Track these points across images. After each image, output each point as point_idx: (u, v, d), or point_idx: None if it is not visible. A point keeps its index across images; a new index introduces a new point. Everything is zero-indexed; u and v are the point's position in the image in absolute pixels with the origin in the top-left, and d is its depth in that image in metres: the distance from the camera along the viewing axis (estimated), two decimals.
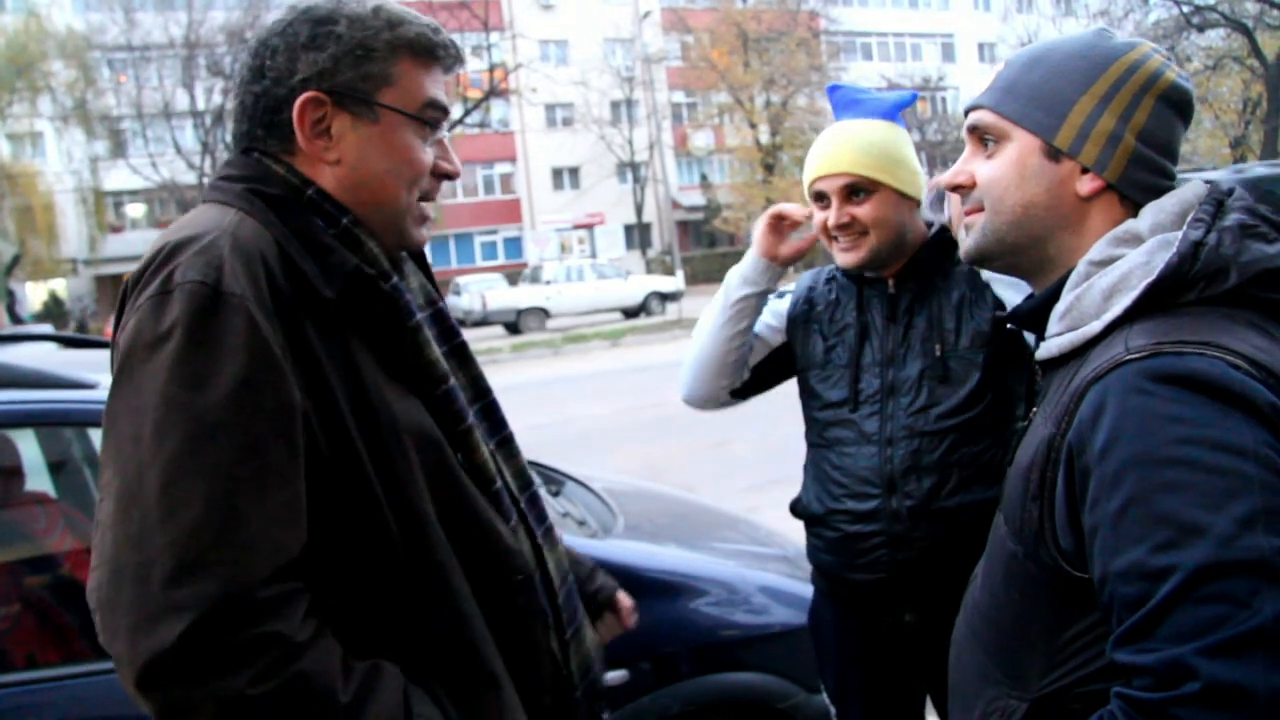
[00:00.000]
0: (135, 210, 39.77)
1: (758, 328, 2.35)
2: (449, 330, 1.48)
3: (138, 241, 37.59)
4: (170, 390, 1.12)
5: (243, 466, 1.12)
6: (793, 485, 2.37)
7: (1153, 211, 1.17)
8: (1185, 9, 29.99)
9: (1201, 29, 30.81)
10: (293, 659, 1.11)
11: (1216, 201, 1.15)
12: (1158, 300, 1.09)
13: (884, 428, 2.12)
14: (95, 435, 2.86)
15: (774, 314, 2.37)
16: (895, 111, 2.18)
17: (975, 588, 1.36)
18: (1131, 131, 1.19)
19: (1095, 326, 1.13)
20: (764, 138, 40.11)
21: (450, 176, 1.42)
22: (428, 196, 1.40)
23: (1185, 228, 1.12)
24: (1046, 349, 1.21)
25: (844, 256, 2.15)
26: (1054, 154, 1.21)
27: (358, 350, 1.26)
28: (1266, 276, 1.09)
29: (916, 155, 2.17)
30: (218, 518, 1.09)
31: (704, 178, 45.09)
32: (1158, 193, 1.20)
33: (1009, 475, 1.24)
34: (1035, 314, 1.26)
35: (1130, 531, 0.98)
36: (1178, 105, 1.22)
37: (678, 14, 42.78)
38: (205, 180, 31.39)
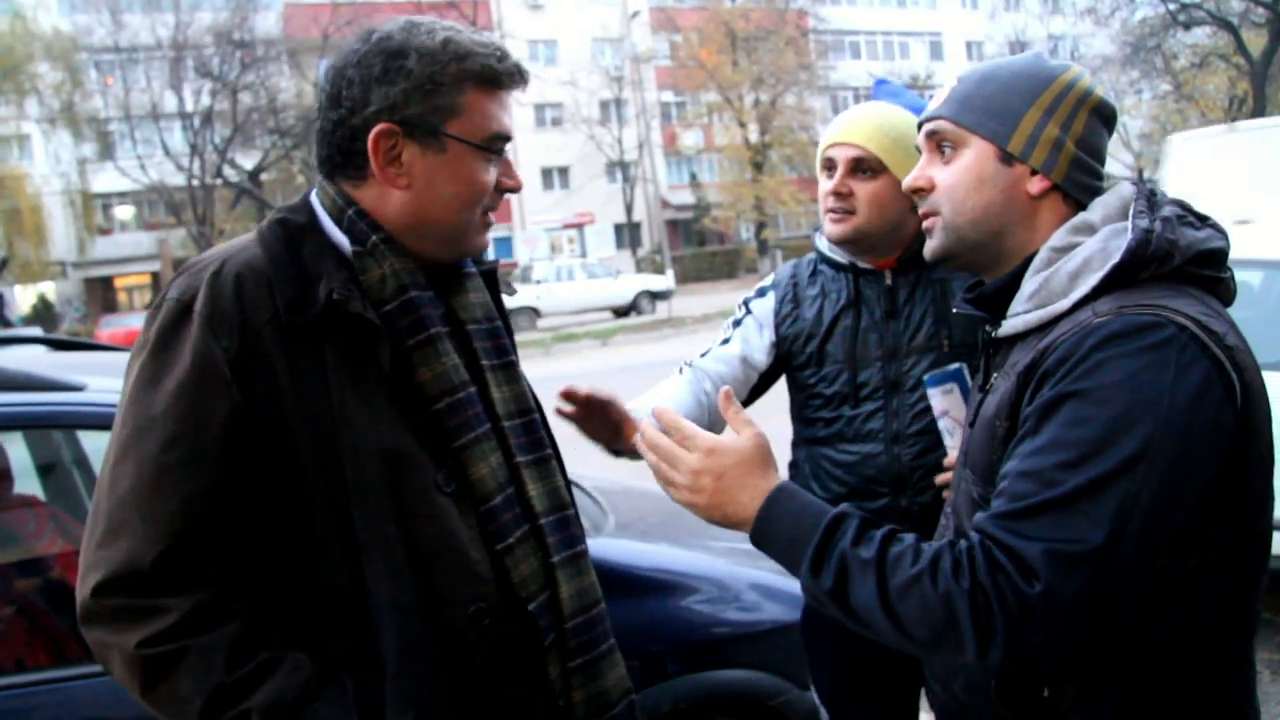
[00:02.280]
0: (124, 212, 39.64)
1: (742, 352, 2.28)
2: (501, 348, 1.55)
3: (126, 243, 37.54)
4: (134, 388, 1.33)
5: (165, 456, 1.28)
6: None
7: (1101, 206, 1.35)
8: (1171, 7, 30.08)
9: (1188, 26, 30.91)
10: (183, 633, 1.26)
11: (1148, 197, 1.33)
12: (1120, 278, 1.26)
13: (889, 424, 2.10)
14: (84, 437, 2.86)
15: (758, 323, 2.29)
16: None
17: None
18: (1072, 139, 1.36)
19: (1064, 303, 1.28)
20: (753, 136, 40.16)
21: (513, 190, 1.50)
22: (490, 209, 1.49)
23: (1132, 218, 1.29)
24: (1012, 325, 1.35)
25: (832, 228, 2.12)
26: (1007, 159, 1.37)
27: (333, 368, 1.34)
28: (1200, 257, 1.28)
29: None
30: (137, 496, 1.28)
31: (693, 177, 45.15)
32: (1093, 192, 1.38)
33: (972, 434, 1.41)
34: (994, 297, 1.41)
35: (1048, 449, 1.18)
36: (1106, 118, 1.40)
37: (666, 13, 42.81)
38: (194, 181, 31.36)
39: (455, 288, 1.52)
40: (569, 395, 1.80)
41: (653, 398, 2.16)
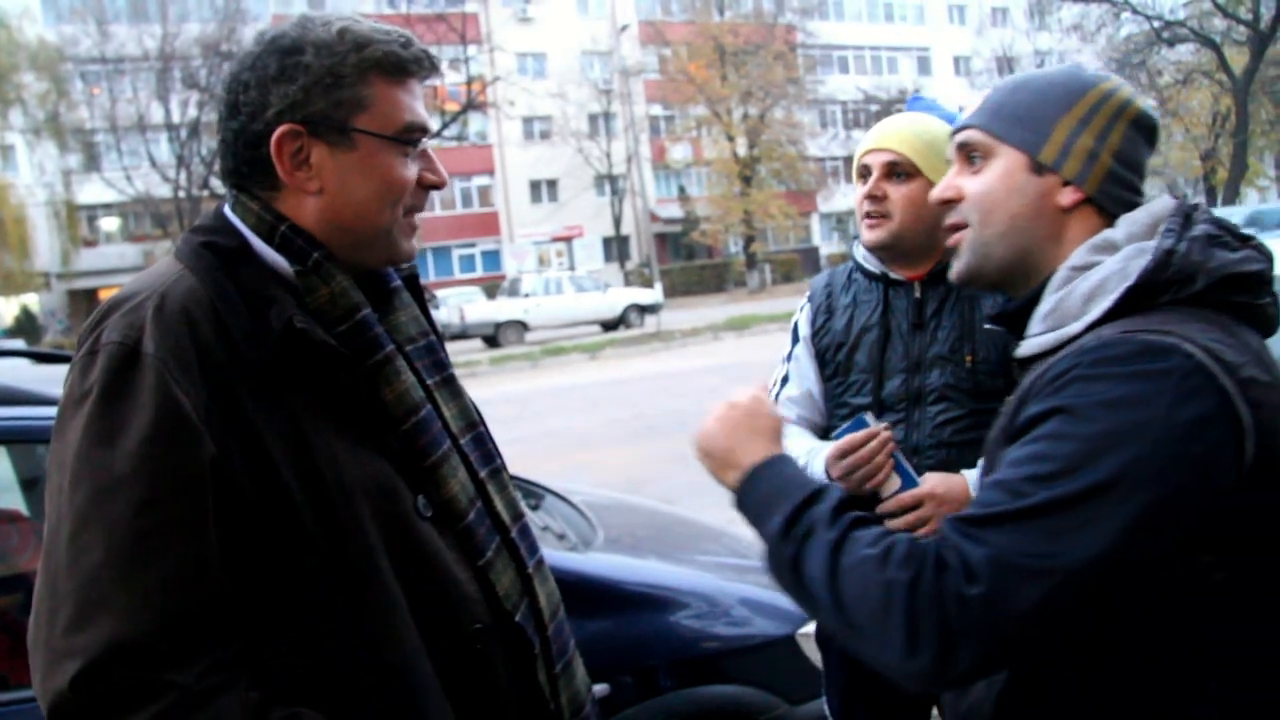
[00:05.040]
0: (109, 224, 39.50)
1: (804, 388, 2.31)
2: (439, 363, 1.49)
3: (111, 255, 37.38)
4: (83, 446, 1.17)
5: (142, 520, 1.14)
6: None
7: (1127, 223, 1.29)
8: (1156, 24, 30.39)
9: (1171, 44, 31.25)
10: (189, 709, 1.13)
11: (1184, 214, 1.26)
12: (1134, 303, 1.20)
13: (910, 435, 2.11)
14: None
15: (805, 345, 2.32)
16: None
17: None
18: (1108, 150, 1.31)
19: (1076, 326, 1.23)
20: (741, 150, 40.27)
21: (437, 187, 1.42)
22: (415, 209, 1.40)
23: (1158, 237, 1.23)
24: (1028, 346, 1.31)
25: (868, 234, 2.15)
26: (1038, 168, 1.32)
27: (299, 404, 1.25)
28: (1230, 280, 1.20)
29: None
30: (114, 568, 1.13)
31: (682, 190, 45.23)
32: (1130, 207, 1.32)
33: (984, 453, 1.36)
34: (1016, 316, 1.36)
35: (1025, 461, 1.12)
36: (1145, 130, 1.34)
37: (655, 27, 42.96)
38: (180, 193, 31.28)
39: (385, 306, 1.44)
40: None
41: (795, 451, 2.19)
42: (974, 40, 45.33)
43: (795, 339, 2.37)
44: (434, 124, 1.41)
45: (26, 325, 35.81)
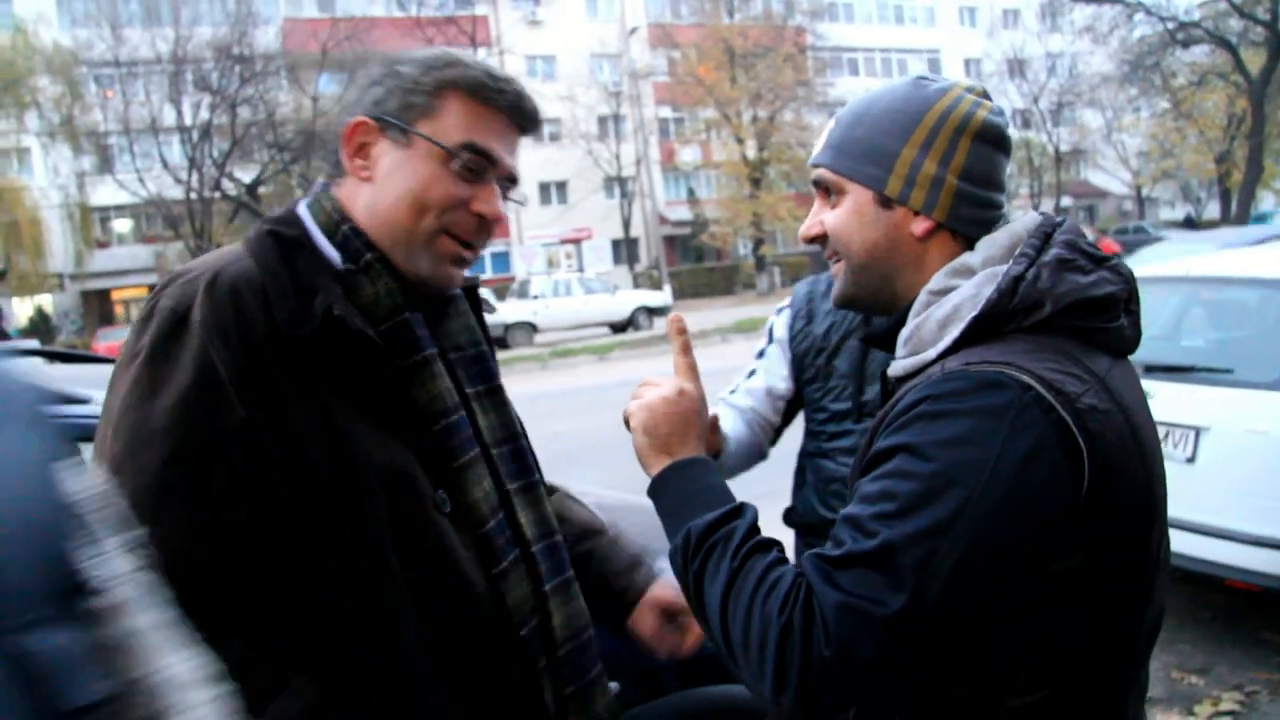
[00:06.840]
0: (122, 225, 39.66)
1: (766, 384, 2.33)
2: (486, 372, 1.54)
3: (124, 257, 37.54)
4: (128, 399, 1.28)
5: (168, 471, 1.23)
6: (779, 498, 2.37)
7: (985, 245, 1.30)
8: (1170, 25, 30.24)
9: (1186, 45, 31.11)
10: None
11: (1044, 235, 1.28)
12: (983, 330, 1.22)
13: None
14: (87, 450, 2.85)
15: (780, 347, 2.34)
16: None
17: None
18: (953, 172, 1.30)
19: (931, 353, 1.26)
20: (751, 153, 40.22)
21: (486, 216, 1.44)
22: (463, 235, 1.43)
23: (1010, 262, 1.25)
24: (894, 369, 1.33)
25: None
26: (886, 202, 1.32)
27: (331, 387, 1.31)
28: (1079, 306, 1.22)
29: None
30: (136, 511, 1.15)
31: (691, 192, 45.23)
32: (985, 224, 1.32)
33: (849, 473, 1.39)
34: (887, 336, 1.38)
35: (873, 498, 1.14)
36: (993, 141, 1.33)
37: (665, 30, 42.95)
38: (192, 195, 31.40)
39: (439, 313, 1.51)
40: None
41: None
42: (985, 42, 45.23)
43: (770, 339, 2.39)
44: (516, 171, 1.49)
45: (40, 325, 35.98)
